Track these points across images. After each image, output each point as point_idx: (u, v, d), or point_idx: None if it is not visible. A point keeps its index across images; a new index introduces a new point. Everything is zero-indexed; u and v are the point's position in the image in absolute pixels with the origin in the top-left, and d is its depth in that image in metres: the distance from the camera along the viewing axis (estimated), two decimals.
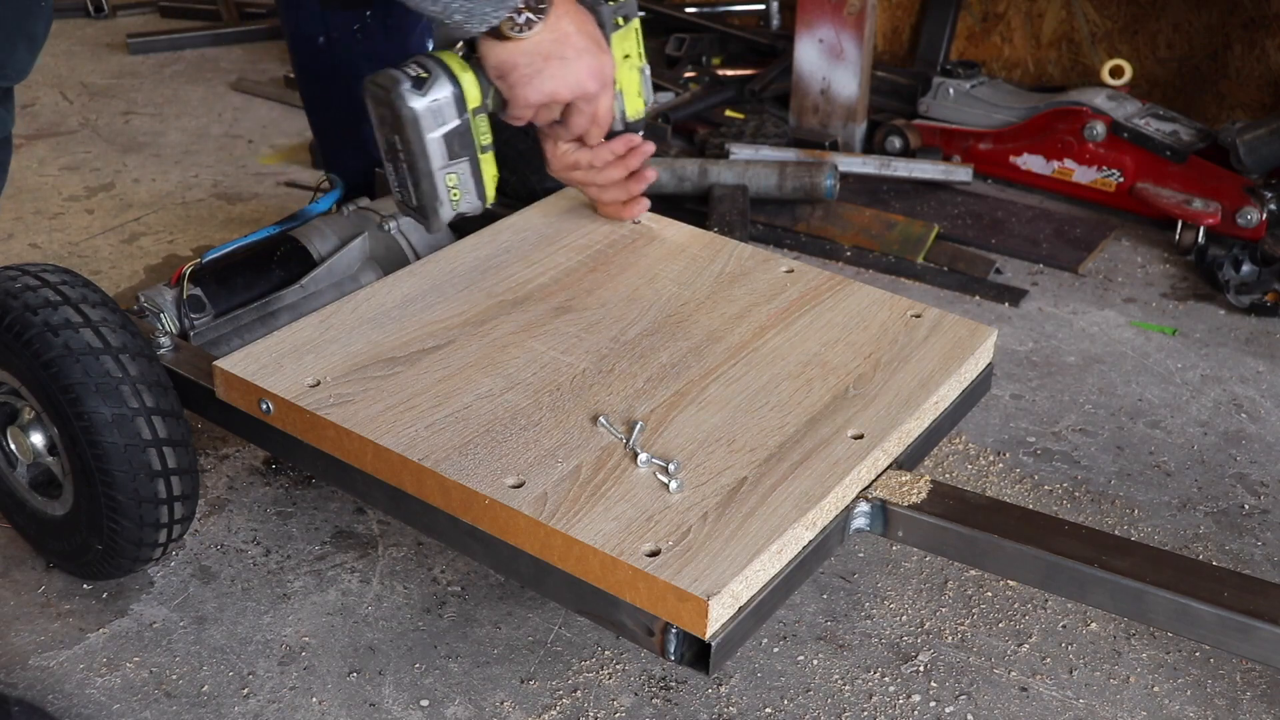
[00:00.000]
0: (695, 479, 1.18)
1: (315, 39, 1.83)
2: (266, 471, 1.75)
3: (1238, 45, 2.67)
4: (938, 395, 1.34)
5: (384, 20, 1.84)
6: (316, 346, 1.37)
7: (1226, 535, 1.67)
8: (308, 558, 1.60)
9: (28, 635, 1.48)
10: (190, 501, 1.43)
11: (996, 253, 2.39)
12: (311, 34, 1.83)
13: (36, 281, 1.39)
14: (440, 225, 1.44)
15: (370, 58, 1.85)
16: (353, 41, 1.83)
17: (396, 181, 1.42)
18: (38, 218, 2.46)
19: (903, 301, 1.48)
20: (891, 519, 1.25)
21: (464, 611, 1.52)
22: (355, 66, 1.84)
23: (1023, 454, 1.82)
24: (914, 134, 2.68)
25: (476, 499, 1.17)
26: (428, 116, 1.35)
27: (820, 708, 1.40)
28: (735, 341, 1.40)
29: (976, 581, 1.57)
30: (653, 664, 1.44)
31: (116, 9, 3.69)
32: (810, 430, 1.26)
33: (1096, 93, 2.55)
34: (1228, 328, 2.16)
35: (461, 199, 1.43)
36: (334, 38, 1.83)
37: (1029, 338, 2.12)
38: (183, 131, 2.91)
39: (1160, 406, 1.94)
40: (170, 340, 1.48)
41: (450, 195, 1.42)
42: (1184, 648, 1.48)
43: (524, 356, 1.36)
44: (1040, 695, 1.42)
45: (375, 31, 1.84)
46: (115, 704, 1.38)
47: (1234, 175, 2.35)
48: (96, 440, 1.34)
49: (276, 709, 1.38)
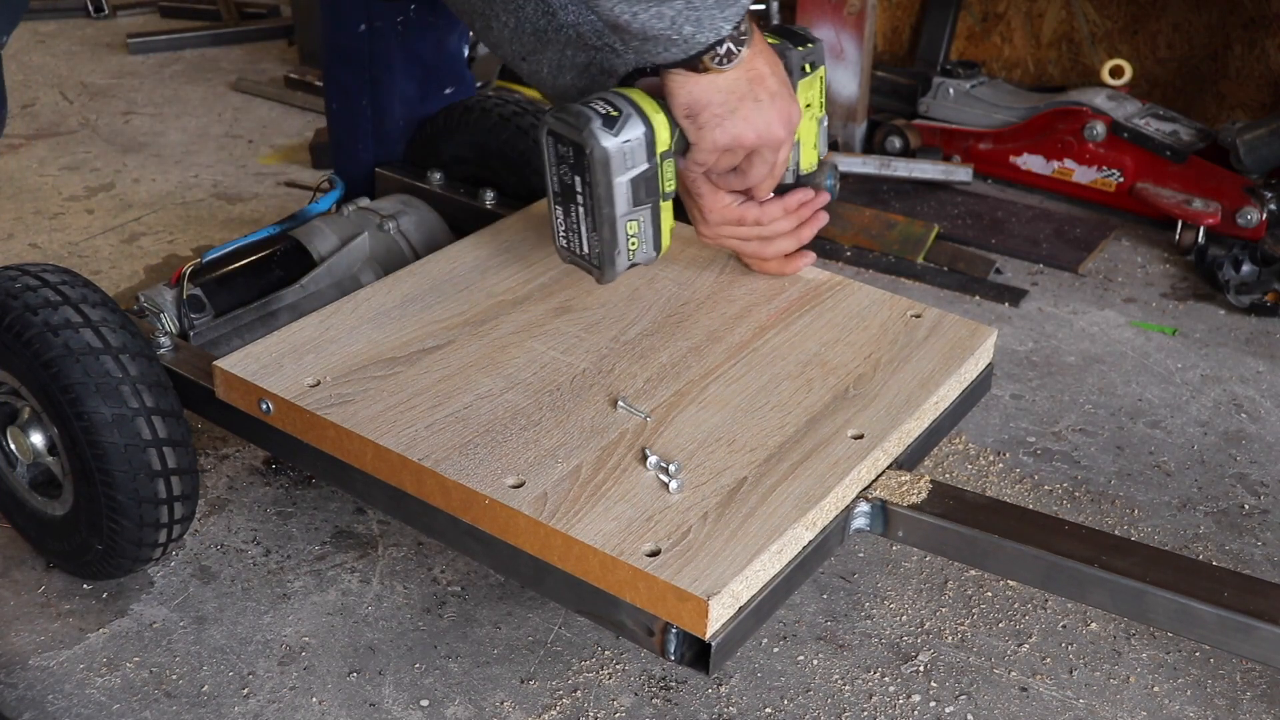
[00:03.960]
0: (695, 479, 1.18)
1: (356, 25, 1.83)
2: (266, 471, 1.75)
3: (1238, 45, 2.67)
4: (938, 395, 1.34)
5: (425, 16, 1.84)
6: (316, 346, 1.37)
7: (1226, 535, 1.67)
8: (308, 558, 1.60)
9: (28, 635, 1.48)
10: (190, 501, 1.43)
11: (996, 253, 2.39)
12: (353, 20, 1.83)
13: (36, 281, 1.39)
14: (614, 276, 1.33)
15: (406, 52, 1.85)
16: (392, 33, 1.83)
17: (565, 226, 1.32)
18: (38, 218, 2.46)
19: (902, 302, 1.48)
20: (891, 519, 1.25)
21: (464, 611, 1.52)
22: (389, 57, 1.84)
23: (1023, 454, 1.82)
24: (914, 134, 2.68)
25: (476, 499, 1.17)
26: (618, 158, 1.24)
27: (820, 708, 1.40)
28: (735, 341, 1.40)
29: (976, 581, 1.57)
30: (653, 664, 1.44)
31: (116, 9, 3.69)
32: (810, 430, 1.26)
33: (1096, 93, 2.55)
34: (1228, 328, 2.16)
35: (639, 249, 1.32)
36: (376, 27, 1.83)
37: (1029, 338, 2.12)
38: (183, 131, 2.91)
39: (1160, 406, 1.94)
40: (170, 340, 1.48)
41: (629, 244, 1.31)
42: (1184, 648, 1.48)
43: (524, 356, 1.36)
44: (1040, 695, 1.42)
45: (415, 26, 1.84)
46: (115, 704, 1.38)
47: (1234, 175, 2.35)
48: (96, 440, 1.34)
49: (276, 709, 1.38)
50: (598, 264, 1.33)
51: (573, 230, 1.32)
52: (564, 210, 1.31)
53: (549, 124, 1.26)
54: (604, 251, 1.31)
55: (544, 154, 1.29)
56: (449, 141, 1.85)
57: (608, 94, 1.27)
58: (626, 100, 1.26)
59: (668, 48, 1.19)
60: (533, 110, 1.82)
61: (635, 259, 1.33)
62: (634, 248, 1.32)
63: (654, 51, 1.20)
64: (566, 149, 1.26)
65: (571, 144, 1.25)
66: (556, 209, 1.32)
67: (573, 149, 1.25)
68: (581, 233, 1.31)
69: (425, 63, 1.88)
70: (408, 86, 1.88)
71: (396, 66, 1.86)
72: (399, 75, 1.86)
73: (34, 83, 3.17)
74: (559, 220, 1.33)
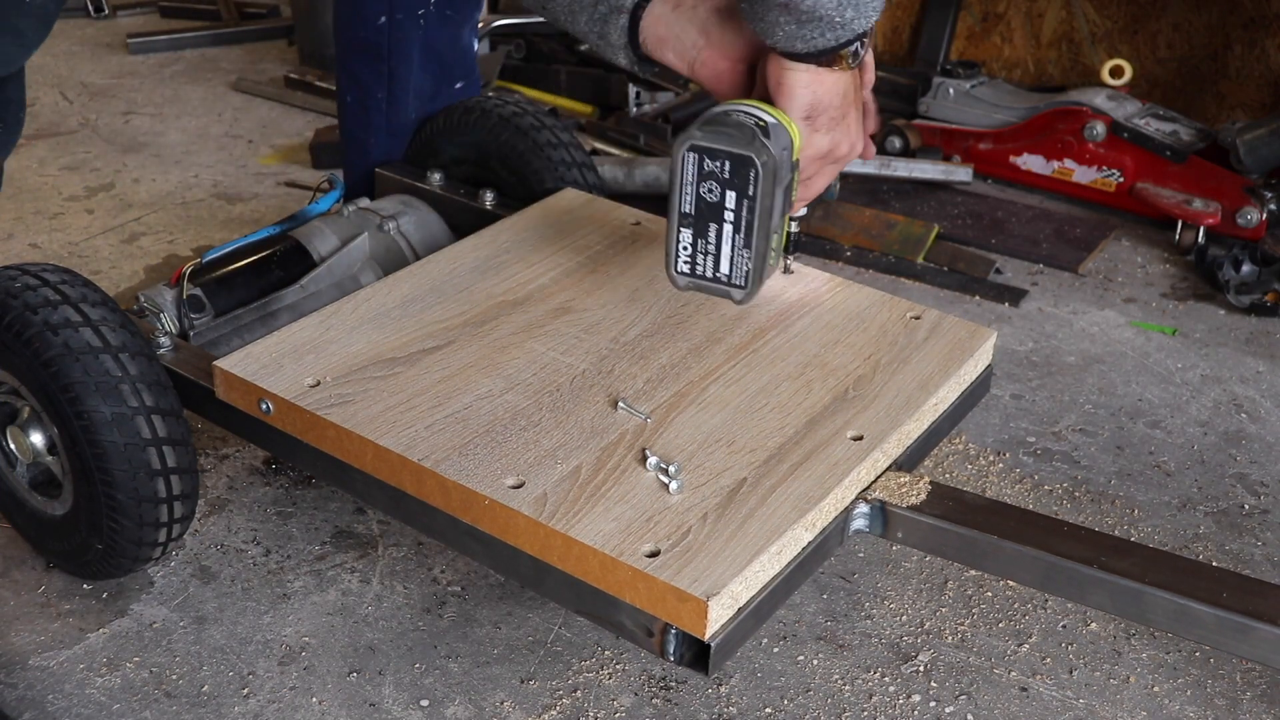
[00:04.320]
0: (695, 480, 1.18)
1: (377, 18, 1.83)
2: (266, 471, 1.75)
3: (1238, 45, 2.67)
4: (937, 397, 1.34)
5: (444, 9, 1.85)
6: (317, 347, 1.37)
7: (1226, 535, 1.67)
8: (308, 558, 1.60)
9: (28, 635, 1.48)
10: (190, 501, 1.43)
11: (996, 253, 2.39)
12: (374, 12, 1.83)
13: (36, 281, 1.39)
14: (755, 296, 1.26)
15: (424, 45, 1.86)
16: (414, 25, 1.83)
17: (696, 249, 1.23)
18: (38, 218, 2.47)
19: (902, 303, 1.48)
20: (891, 520, 1.25)
21: (464, 611, 1.52)
22: (408, 50, 1.85)
23: (1023, 454, 1.82)
24: (914, 134, 2.68)
25: (476, 499, 1.17)
26: (776, 169, 1.17)
27: (820, 708, 1.40)
28: (735, 343, 1.40)
29: (976, 581, 1.58)
30: (652, 664, 1.45)
31: (116, 9, 3.69)
32: (810, 431, 1.26)
33: (1096, 93, 2.55)
34: (1228, 328, 2.17)
35: (776, 262, 1.27)
36: (397, 19, 1.83)
37: (1029, 338, 2.12)
38: (183, 131, 2.91)
39: (1160, 406, 1.94)
40: (170, 340, 1.48)
41: (770, 259, 1.24)
42: (1184, 648, 1.48)
43: (524, 357, 1.36)
44: (1040, 695, 1.42)
45: (434, 19, 1.85)
46: (115, 704, 1.39)
47: (1234, 175, 2.35)
48: (96, 439, 1.34)
49: (276, 709, 1.38)
50: (742, 284, 1.24)
51: (707, 252, 1.23)
52: (697, 231, 1.22)
53: (694, 140, 1.17)
54: (754, 269, 1.22)
55: (678, 173, 1.19)
56: (449, 142, 1.86)
57: (738, 103, 1.21)
58: (758, 108, 1.20)
59: (824, 32, 1.12)
60: (533, 111, 1.82)
61: (768, 275, 1.28)
62: (773, 262, 1.27)
63: (809, 36, 1.13)
64: (718, 163, 1.17)
65: (728, 157, 1.17)
66: (684, 231, 1.23)
67: (729, 162, 1.17)
68: (722, 253, 1.22)
69: (441, 57, 1.89)
70: (423, 80, 1.88)
71: (414, 60, 1.86)
72: (416, 69, 1.87)
73: (34, 83, 3.16)
74: (685, 243, 1.24)
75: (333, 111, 2.92)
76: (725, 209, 1.19)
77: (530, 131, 1.79)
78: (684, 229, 1.23)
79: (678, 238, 1.24)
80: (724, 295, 1.26)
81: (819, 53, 1.16)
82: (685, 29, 1.29)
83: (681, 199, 1.21)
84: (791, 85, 1.21)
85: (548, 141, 1.79)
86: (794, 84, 1.20)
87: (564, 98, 2.92)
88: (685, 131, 1.18)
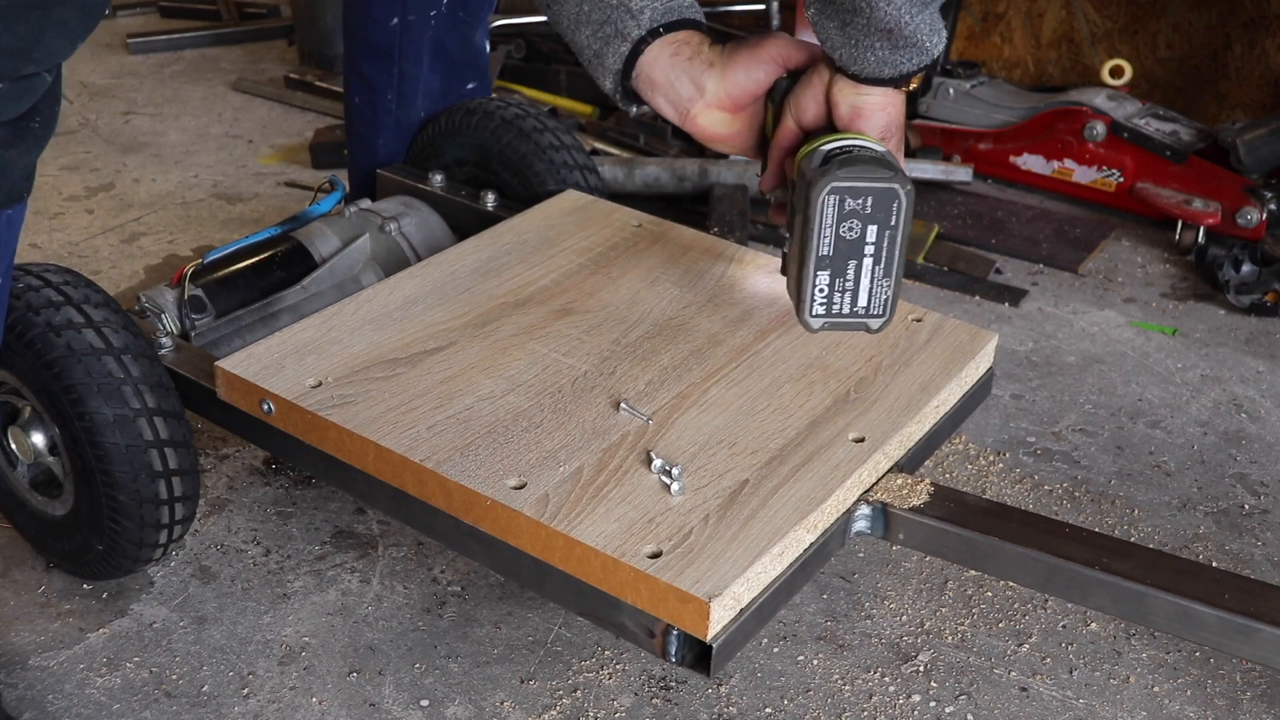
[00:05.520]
0: (696, 481, 1.18)
1: (389, 19, 1.83)
2: (266, 471, 1.75)
3: (1238, 45, 2.68)
4: (938, 399, 1.34)
5: (456, 11, 1.85)
6: (318, 347, 1.37)
7: (1226, 535, 1.67)
8: (308, 558, 1.60)
9: (28, 635, 1.48)
10: (191, 502, 1.43)
11: (996, 253, 2.39)
12: (386, 13, 1.83)
13: (39, 282, 1.39)
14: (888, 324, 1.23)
15: (435, 46, 1.86)
16: (426, 26, 1.83)
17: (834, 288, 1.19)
18: (38, 218, 2.46)
19: (903, 306, 1.48)
20: (892, 522, 1.25)
21: (464, 611, 1.52)
22: (419, 51, 1.85)
23: (1023, 454, 1.82)
24: (914, 134, 2.68)
25: (478, 500, 1.17)
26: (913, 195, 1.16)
27: (820, 708, 1.40)
28: (737, 344, 1.40)
29: (976, 582, 1.58)
30: (653, 664, 1.45)
31: (117, 9, 3.69)
32: (811, 433, 1.26)
33: (1096, 93, 2.56)
34: (1228, 328, 2.17)
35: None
36: (410, 21, 1.82)
37: (1029, 338, 2.12)
38: (183, 131, 2.91)
39: (1160, 406, 1.94)
40: (171, 341, 1.48)
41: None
42: (1184, 648, 1.49)
43: (526, 358, 1.36)
44: (1040, 695, 1.42)
45: (446, 20, 1.85)
46: (115, 704, 1.39)
47: (1234, 175, 2.36)
48: (98, 441, 1.34)
49: (276, 709, 1.38)
50: (881, 312, 1.21)
51: (844, 289, 1.19)
52: (835, 272, 1.18)
53: (835, 182, 1.13)
54: (893, 295, 1.20)
55: (816, 218, 1.15)
56: (451, 143, 1.86)
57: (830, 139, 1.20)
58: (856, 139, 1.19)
59: (913, 57, 1.14)
60: (534, 113, 1.82)
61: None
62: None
63: (898, 61, 1.14)
64: (861, 200, 1.14)
65: (872, 193, 1.14)
66: (820, 274, 1.18)
67: (873, 198, 1.14)
68: (860, 288, 1.19)
69: (451, 58, 1.88)
70: (433, 81, 1.88)
71: (425, 60, 1.86)
72: (426, 70, 1.86)
73: None
74: (821, 286, 1.18)
75: (334, 111, 2.92)
76: (866, 244, 1.16)
77: (533, 134, 1.79)
78: (821, 272, 1.18)
79: (814, 282, 1.18)
80: (859, 328, 1.22)
81: (901, 77, 1.17)
82: (680, 79, 1.30)
83: (819, 243, 1.16)
84: (871, 109, 1.21)
85: (550, 144, 1.79)
86: (873, 108, 1.21)
87: (564, 98, 2.92)
88: (818, 178, 1.14)
